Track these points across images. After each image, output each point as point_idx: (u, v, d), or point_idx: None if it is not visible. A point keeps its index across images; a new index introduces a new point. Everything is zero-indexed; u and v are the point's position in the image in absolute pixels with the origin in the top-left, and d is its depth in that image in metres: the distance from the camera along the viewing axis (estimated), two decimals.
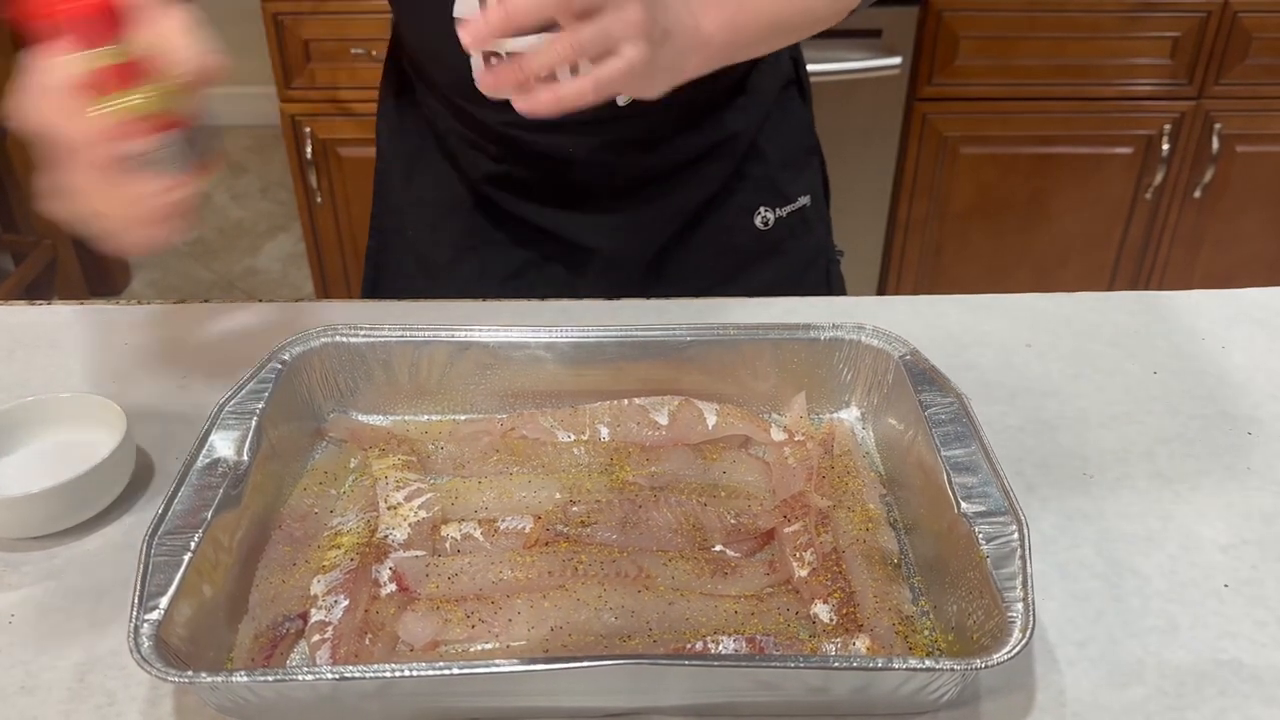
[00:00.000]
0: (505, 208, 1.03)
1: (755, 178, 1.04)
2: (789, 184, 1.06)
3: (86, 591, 0.67)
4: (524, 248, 1.04)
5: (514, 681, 0.56)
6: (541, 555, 0.68)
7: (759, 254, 1.06)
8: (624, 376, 0.81)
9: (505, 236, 1.04)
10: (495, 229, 1.05)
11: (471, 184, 1.04)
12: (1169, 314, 0.96)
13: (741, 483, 0.76)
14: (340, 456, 0.78)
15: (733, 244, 1.04)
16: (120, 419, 0.74)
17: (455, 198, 1.05)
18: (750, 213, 1.04)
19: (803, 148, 1.08)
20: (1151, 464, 0.78)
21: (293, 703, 0.57)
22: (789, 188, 1.06)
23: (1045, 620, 0.65)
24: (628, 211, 1.02)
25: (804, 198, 1.06)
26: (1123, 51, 2.08)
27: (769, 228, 1.05)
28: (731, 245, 1.04)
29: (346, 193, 2.18)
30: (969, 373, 0.87)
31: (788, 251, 1.07)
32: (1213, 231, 2.28)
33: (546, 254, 1.04)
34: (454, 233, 1.05)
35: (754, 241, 1.05)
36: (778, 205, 1.05)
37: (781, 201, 1.05)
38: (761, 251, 1.06)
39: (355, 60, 2.04)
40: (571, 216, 1.02)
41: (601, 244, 1.02)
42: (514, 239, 1.04)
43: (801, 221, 1.07)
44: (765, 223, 1.04)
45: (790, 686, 0.57)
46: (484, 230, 1.05)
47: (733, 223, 1.04)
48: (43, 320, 0.94)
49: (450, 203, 1.05)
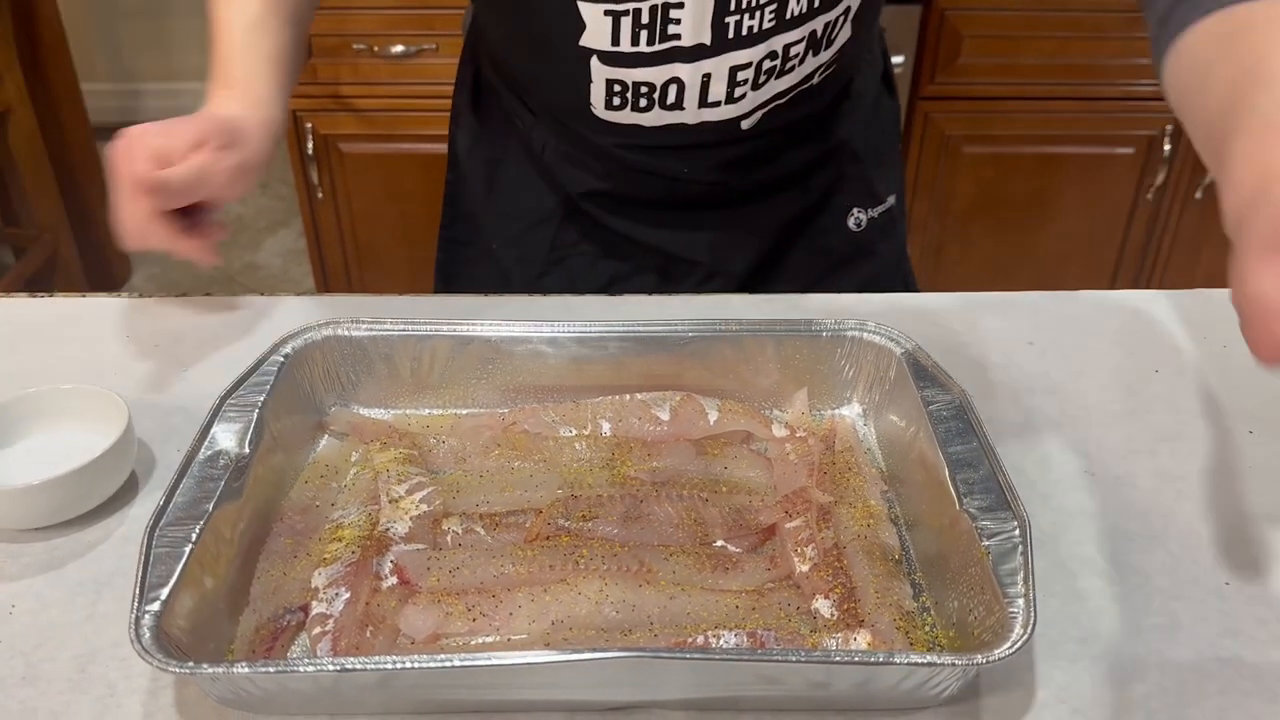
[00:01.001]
0: (600, 221, 1.01)
1: (851, 179, 1.02)
2: (880, 183, 1.04)
3: (87, 583, 0.67)
4: (615, 260, 1.02)
5: (515, 674, 0.55)
6: (543, 549, 0.68)
7: (852, 256, 1.04)
8: (626, 372, 0.81)
9: (595, 249, 1.02)
10: (585, 241, 1.02)
11: (565, 197, 1.01)
12: (1170, 313, 0.96)
13: (743, 478, 0.76)
14: (342, 450, 0.78)
15: (826, 247, 1.02)
16: (122, 411, 0.74)
17: (544, 210, 1.02)
18: (844, 214, 1.02)
19: (892, 144, 1.06)
20: (1153, 462, 0.78)
21: (294, 694, 0.57)
22: (879, 186, 1.04)
23: (1046, 617, 0.65)
24: (730, 223, 0.99)
25: (891, 196, 1.04)
26: (1125, 52, 2.08)
27: (861, 229, 1.03)
28: (825, 248, 1.02)
29: (348, 188, 2.18)
30: (971, 370, 0.86)
31: (879, 252, 1.05)
32: (1214, 232, 2.28)
33: (640, 266, 1.02)
34: (541, 246, 1.03)
35: (846, 243, 1.03)
36: (870, 206, 1.03)
37: (874, 202, 1.03)
38: (854, 254, 1.04)
39: (357, 55, 2.04)
40: (673, 230, 1.00)
41: (702, 256, 0.99)
42: (605, 251, 1.02)
43: (889, 221, 1.05)
44: (858, 224, 1.02)
45: (791, 681, 0.57)
46: (573, 243, 1.03)
47: (827, 226, 1.01)
48: (44, 312, 0.94)
49: (538, 215, 1.03)
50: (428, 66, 2.03)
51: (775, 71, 0.87)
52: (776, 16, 0.83)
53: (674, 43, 0.83)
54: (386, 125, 2.10)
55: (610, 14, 0.81)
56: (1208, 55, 0.65)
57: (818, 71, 0.92)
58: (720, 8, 0.81)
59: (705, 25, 0.82)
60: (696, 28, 0.82)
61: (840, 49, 0.91)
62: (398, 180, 2.16)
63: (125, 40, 3.53)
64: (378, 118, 2.10)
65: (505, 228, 1.05)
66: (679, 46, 0.83)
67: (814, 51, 0.88)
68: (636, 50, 0.84)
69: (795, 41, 0.86)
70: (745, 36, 0.83)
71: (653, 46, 0.83)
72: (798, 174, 0.99)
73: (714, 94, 0.87)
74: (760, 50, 0.85)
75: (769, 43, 0.85)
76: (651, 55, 0.84)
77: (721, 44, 0.83)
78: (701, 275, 1.01)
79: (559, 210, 1.02)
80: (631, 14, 0.81)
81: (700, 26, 0.82)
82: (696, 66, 0.85)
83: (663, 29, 0.82)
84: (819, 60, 0.90)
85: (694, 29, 0.82)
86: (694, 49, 0.83)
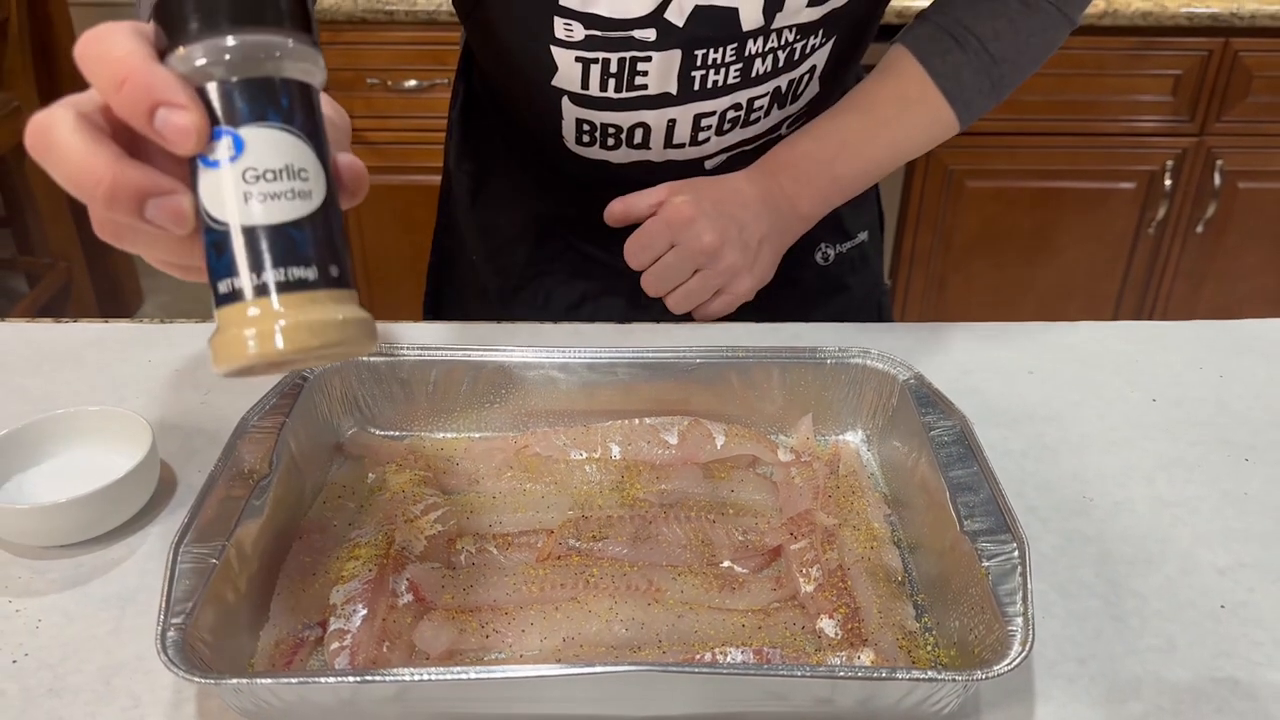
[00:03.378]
0: (571, 241, 1.04)
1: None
2: (850, 220, 1.06)
3: (111, 599, 0.69)
4: (587, 279, 1.04)
5: (529, 687, 0.57)
6: (554, 569, 0.70)
7: (820, 290, 1.06)
8: (635, 397, 0.83)
9: (568, 268, 1.05)
10: (559, 260, 1.05)
11: (541, 215, 1.04)
12: (1169, 343, 0.98)
13: (749, 501, 0.78)
14: (358, 471, 0.80)
15: (794, 280, 1.04)
16: (146, 432, 0.76)
17: (522, 226, 1.05)
18: (812, 249, 1.04)
19: None
20: (1151, 488, 0.80)
21: (313, 706, 0.59)
22: (850, 224, 1.06)
23: (1045, 638, 0.67)
24: None
25: (863, 234, 1.06)
26: (1126, 88, 2.11)
27: (829, 263, 1.05)
28: (792, 281, 1.04)
29: (360, 219, 2.22)
30: (972, 397, 0.88)
31: (849, 287, 1.07)
32: (1215, 266, 2.30)
33: (610, 288, 1.04)
34: (518, 260, 1.06)
35: (816, 277, 1.05)
36: (839, 241, 1.05)
37: (842, 238, 1.05)
38: (822, 288, 1.06)
39: (370, 90, 2.08)
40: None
41: None
42: (577, 271, 1.05)
43: (861, 257, 1.07)
44: (825, 259, 1.04)
45: (797, 697, 0.59)
46: (546, 260, 1.05)
47: (795, 260, 1.03)
48: (68, 337, 0.97)
49: (517, 231, 1.06)
50: (440, 100, 2.07)
51: (740, 121, 0.91)
52: (742, 74, 0.87)
53: (641, 91, 0.87)
54: (400, 158, 2.14)
55: (580, 60, 0.85)
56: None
57: (785, 123, 0.95)
58: (686, 63, 0.85)
59: (672, 78, 0.86)
60: (663, 79, 0.86)
61: (809, 103, 0.95)
62: (410, 212, 2.19)
63: None
64: (390, 150, 2.13)
65: (486, 241, 1.08)
66: (646, 95, 0.87)
67: (779, 105, 0.92)
68: (605, 95, 0.87)
69: (760, 96, 0.90)
70: (710, 89, 0.87)
71: (620, 94, 0.87)
72: None
73: (679, 137, 0.91)
74: (725, 102, 0.89)
75: (734, 96, 0.89)
76: (619, 101, 0.88)
77: (687, 95, 0.87)
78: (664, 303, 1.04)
79: (535, 227, 1.05)
80: (601, 62, 0.85)
81: (667, 78, 0.86)
82: (662, 113, 0.89)
83: (630, 79, 0.85)
84: (785, 113, 0.94)
85: (660, 80, 0.86)
86: (660, 97, 0.87)
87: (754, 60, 0.86)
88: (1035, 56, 0.93)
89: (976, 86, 0.90)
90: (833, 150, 0.91)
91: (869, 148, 0.91)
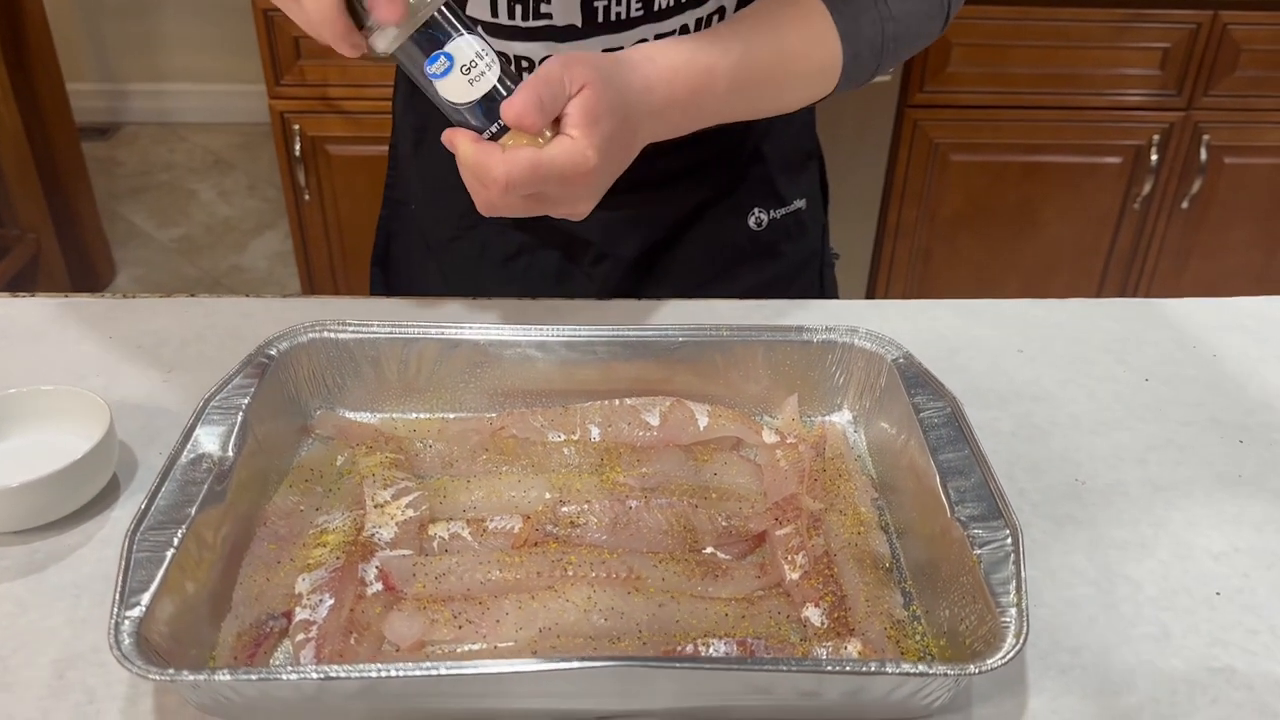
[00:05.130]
0: None
1: (752, 179, 1.03)
2: (786, 186, 1.06)
3: (67, 587, 0.66)
4: (522, 231, 1.04)
5: (501, 683, 0.55)
6: (530, 556, 0.68)
7: (752, 254, 1.05)
8: (615, 376, 0.80)
9: (504, 219, 1.05)
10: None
11: None
12: (1160, 321, 0.96)
13: (733, 485, 0.75)
14: (327, 454, 0.77)
15: (726, 243, 1.04)
16: (103, 413, 0.73)
17: (459, 176, 1.05)
18: (745, 213, 1.04)
19: (802, 151, 1.08)
20: (1143, 471, 0.78)
21: (276, 702, 0.56)
22: (786, 190, 1.06)
23: (1037, 627, 0.65)
24: (624, 210, 1.01)
25: (800, 201, 1.06)
26: (1112, 61, 2.08)
27: (762, 229, 1.05)
28: (724, 244, 1.04)
29: (335, 190, 2.17)
30: (960, 377, 0.86)
31: (783, 253, 1.06)
32: (1200, 242, 2.29)
33: (543, 240, 1.04)
34: (456, 209, 1.05)
35: (747, 242, 1.05)
36: (773, 207, 1.05)
37: (777, 204, 1.05)
38: (755, 252, 1.06)
39: (345, 58, 2.03)
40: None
41: (594, 236, 1.01)
42: (513, 222, 1.04)
43: (797, 224, 1.07)
44: (759, 223, 1.04)
45: (782, 690, 0.57)
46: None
47: (726, 222, 1.03)
48: (26, 313, 0.93)
49: (454, 180, 1.05)
50: None
51: None
52: (644, 6, 0.86)
53: (547, 21, 0.86)
54: (375, 128, 2.09)
55: None
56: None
57: None
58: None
59: (575, 6, 0.85)
60: (566, 8, 0.85)
61: None
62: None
63: (111, 40, 3.50)
64: (365, 120, 2.09)
65: (426, 189, 1.08)
66: (552, 25, 0.86)
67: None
68: (514, 24, 0.87)
69: (666, 32, 0.88)
70: (615, 22, 0.86)
71: (528, 22, 0.86)
72: (691, 168, 1.01)
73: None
74: (631, 37, 0.87)
75: (638, 30, 0.87)
76: (527, 30, 0.87)
77: (592, 27, 0.86)
78: (594, 255, 1.03)
79: None
80: None
81: (569, 7, 0.85)
82: (571, 46, 0.88)
83: (535, 6, 0.85)
84: None
85: (564, 9, 0.85)
86: (566, 29, 0.86)
87: None
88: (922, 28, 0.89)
89: (870, 41, 0.87)
90: (712, 107, 0.84)
91: (742, 103, 0.86)
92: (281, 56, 2.02)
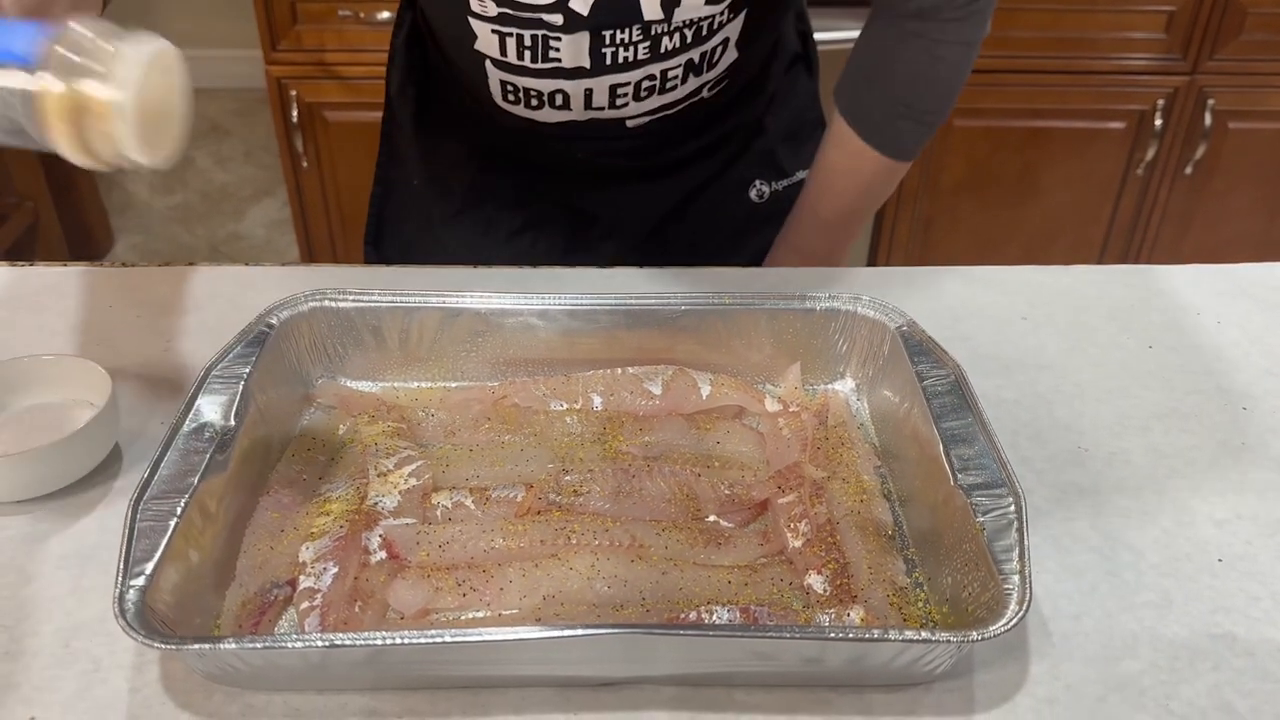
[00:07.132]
0: (514, 168, 1.03)
1: (755, 151, 1.03)
2: (788, 158, 1.05)
3: (70, 556, 0.66)
4: (527, 207, 1.04)
5: (505, 650, 0.55)
6: (534, 524, 0.68)
7: (754, 225, 1.05)
8: (617, 345, 0.80)
9: (510, 194, 1.05)
10: (500, 186, 1.04)
11: (481, 143, 1.04)
12: (1165, 289, 0.95)
13: (735, 453, 0.75)
14: (329, 423, 0.77)
15: (728, 216, 1.04)
16: (105, 382, 0.73)
17: (467, 151, 1.05)
18: (746, 186, 1.03)
19: (806, 122, 1.07)
20: (1146, 439, 0.78)
21: (281, 670, 0.57)
22: (787, 162, 1.05)
23: (1039, 593, 0.65)
24: (631, 188, 1.01)
25: (802, 172, 1.05)
26: (1117, 25, 2.06)
27: (763, 200, 1.04)
28: (727, 217, 1.04)
29: (333, 157, 2.16)
30: (964, 344, 0.86)
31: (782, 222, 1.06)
32: (1203, 208, 2.28)
33: (549, 216, 1.04)
34: (460, 186, 1.05)
35: (749, 214, 1.04)
36: (774, 179, 1.04)
37: (778, 175, 1.05)
38: (757, 223, 1.05)
39: (343, 22, 2.01)
40: (575, 187, 1.02)
41: (601, 213, 1.01)
42: (517, 198, 1.04)
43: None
44: (760, 195, 1.04)
45: (785, 657, 0.57)
46: (489, 186, 1.05)
47: (728, 194, 1.03)
48: (26, 281, 0.92)
49: (459, 156, 1.05)
50: None
51: (656, 89, 0.91)
52: (651, 51, 0.87)
53: (556, 63, 0.87)
54: (372, 93, 2.07)
55: (496, 33, 0.85)
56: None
57: (705, 87, 0.94)
58: (596, 42, 0.85)
59: (584, 53, 0.86)
60: (575, 55, 0.86)
61: (729, 68, 0.93)
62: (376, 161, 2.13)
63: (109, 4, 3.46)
64: (363, 85, 2.07)
65: (429, 165, 1.07)
66: (561, 67, 0.87)
67: (695, 74, 0.91)
68: (523, 64, 0.88)
69: (673, 68, 0.89)
70: (622, 64, 0.87)
71: (537, 64, 0.87)
72: (695, 155, 1.02)
73: (597, 103, 0.91)
74: (638, 74, 0.89)
75: (646, 69, 0.89)
76: (537, 70, 0.88)
77: (600, 69, 0.88)
78: (602, 231, 1.04)
79: (478, 154, 1.05)
80: (515, 36, 0.85)
81: (579, 54, 0.86)
82: (579, 83, 0.89)
83: (544, 52, 0.86)
84: (703, 79, 0.93)
85: (573, 56, 0.86)
86: (575, 70, 0.88)
87: (661, 39, 0.86)
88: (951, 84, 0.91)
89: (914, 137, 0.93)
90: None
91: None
92: (278, 21, 2.00)
